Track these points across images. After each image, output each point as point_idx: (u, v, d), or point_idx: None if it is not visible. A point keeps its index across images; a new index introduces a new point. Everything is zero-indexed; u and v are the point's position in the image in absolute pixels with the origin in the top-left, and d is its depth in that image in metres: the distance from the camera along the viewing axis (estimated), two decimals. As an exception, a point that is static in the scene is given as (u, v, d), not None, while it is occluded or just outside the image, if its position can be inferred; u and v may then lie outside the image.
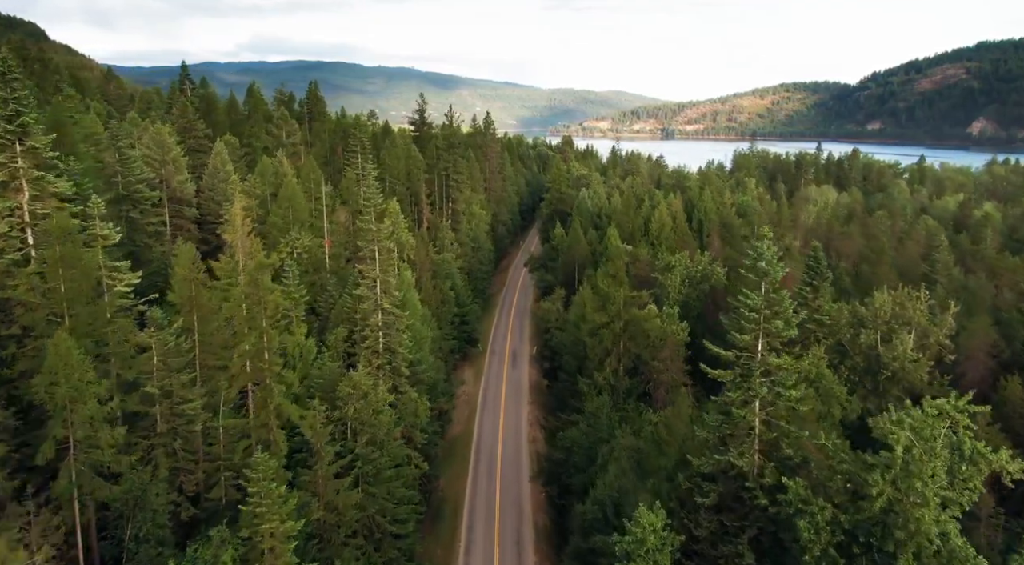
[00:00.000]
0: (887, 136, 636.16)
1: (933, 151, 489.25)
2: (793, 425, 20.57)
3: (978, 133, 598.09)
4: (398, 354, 42.76)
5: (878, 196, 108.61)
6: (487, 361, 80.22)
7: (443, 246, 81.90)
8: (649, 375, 43.89)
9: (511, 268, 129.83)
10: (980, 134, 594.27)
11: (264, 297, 25.71)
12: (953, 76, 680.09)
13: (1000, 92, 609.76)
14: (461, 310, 77.17)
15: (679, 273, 56.02)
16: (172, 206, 59.89)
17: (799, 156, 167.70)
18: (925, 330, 38.45)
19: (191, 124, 69.60)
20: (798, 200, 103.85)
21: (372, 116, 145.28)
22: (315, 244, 53.24)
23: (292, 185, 53.22)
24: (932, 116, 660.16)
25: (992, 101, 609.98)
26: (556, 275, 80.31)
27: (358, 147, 73.18)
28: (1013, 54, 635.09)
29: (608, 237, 69.34)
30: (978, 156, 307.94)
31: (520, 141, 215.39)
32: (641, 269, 62.00)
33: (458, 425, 64.68)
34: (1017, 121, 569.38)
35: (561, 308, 66.15)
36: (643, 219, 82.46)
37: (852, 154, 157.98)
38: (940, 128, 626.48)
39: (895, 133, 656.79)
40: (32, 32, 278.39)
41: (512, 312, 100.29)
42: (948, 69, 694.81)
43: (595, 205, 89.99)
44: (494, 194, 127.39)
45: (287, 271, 40.81)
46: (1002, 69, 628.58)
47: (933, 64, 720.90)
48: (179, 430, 27.20)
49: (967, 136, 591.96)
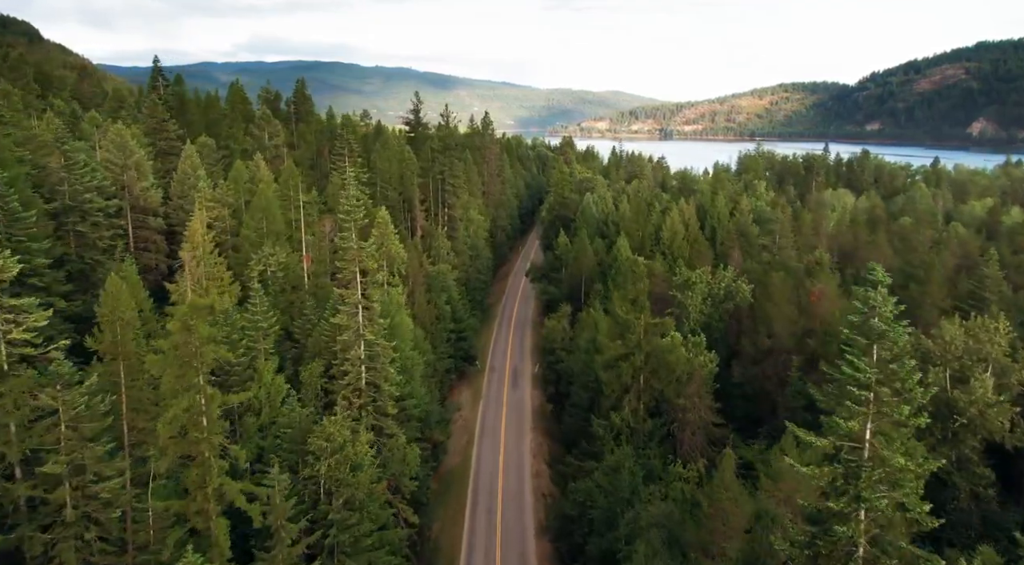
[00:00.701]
0: (886, 136, 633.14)
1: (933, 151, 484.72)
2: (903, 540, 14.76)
3: (978, 133, 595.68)
4: (383, 391, 36.83)
5: (897, 200, 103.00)
6: (486, 380, 74.26)
7: (439, 256, 75.99)
8: (673, 414, 38.03)
9: (511, 275, 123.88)
10: (980, 134, 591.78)
11: (201, 349, 19.93)
12: (952, 76, 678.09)
13: (1000, 92, 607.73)
14: (458, 326, 71.29)
15: (700, 291, 50.19)
16: (135, 216, 53.84)
17: (808, 157, 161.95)
18: (1004, 368, 32.84)
19: (161, 124, 63.51)
20: (814, 205, 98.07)
21: (365, 116, 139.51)
22: (293, 259, 47.25)
23: (267, 192, 47.24)
24: (931, 116, 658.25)
25: (992, 101, 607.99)
26: (560, 288, 74.41)
27: (345, 149, 67.26)
28: (1013, 54, 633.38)
29: (618, 248, 63.45)
30: (978, 157, 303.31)
31: (519, 142, 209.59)
32: (656, 285, 56.12)
33: (454, 456, 58.71)
34: (1017, 121, 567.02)
35: (567, 326, 60.20)
36: (654, 227, 76.63)
37: (862, 155, 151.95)
38: (940, 128, 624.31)
39: (895, 134, 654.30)
40: (26, 31, 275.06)
41: (512, 324, 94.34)
42: (947, 69, 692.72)
43: (601, 211, 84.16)
44: (493, 198, 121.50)
45: (253, 297, 34.86)
46: (1001, 69, 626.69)
47: (932, 64, 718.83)
48: (94, 516, 21.17)
49: (967, 136, 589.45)
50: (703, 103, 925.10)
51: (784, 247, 66.76)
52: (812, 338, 45.83)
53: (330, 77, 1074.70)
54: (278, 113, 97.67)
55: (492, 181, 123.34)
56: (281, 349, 40.00)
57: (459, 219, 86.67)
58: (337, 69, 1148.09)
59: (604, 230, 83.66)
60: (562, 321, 60.47)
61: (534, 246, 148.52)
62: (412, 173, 78.12)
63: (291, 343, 41.42)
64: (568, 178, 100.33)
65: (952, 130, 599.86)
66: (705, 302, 50.76)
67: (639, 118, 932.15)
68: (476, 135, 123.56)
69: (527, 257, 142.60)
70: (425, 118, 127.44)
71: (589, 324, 48.03)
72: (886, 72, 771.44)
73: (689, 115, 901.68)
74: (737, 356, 49.07)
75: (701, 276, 51.12)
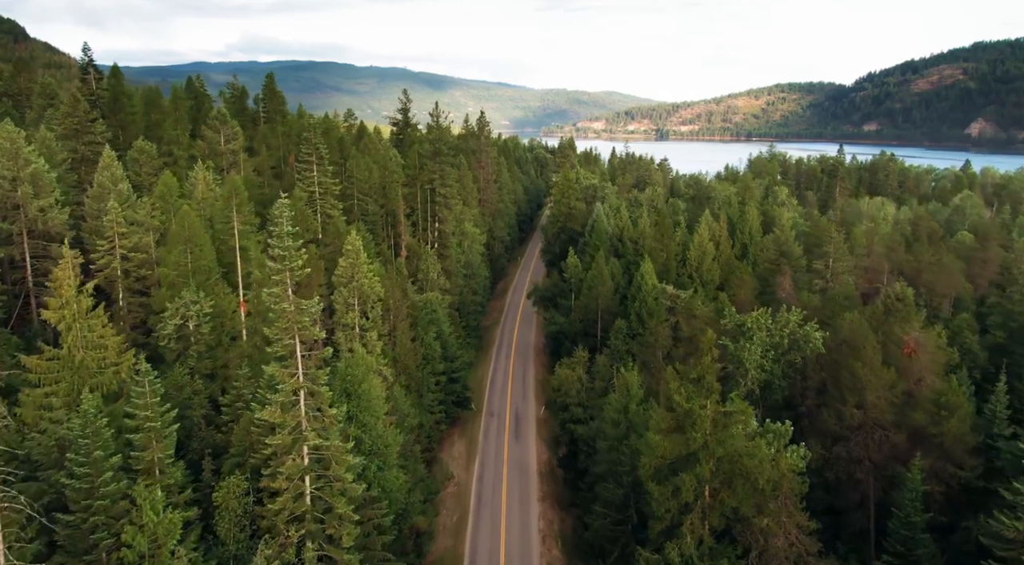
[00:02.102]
0: (884, 137, 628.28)
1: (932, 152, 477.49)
2: None
3: (978, 134, 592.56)
4: (337, 515, 25.31)
5: (942, 210, 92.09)
6: (483, 428, 62.70)
7: (427, 280, 64.41)
8: (750, 538, 26.66)
9: (510, 290, 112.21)
10: (980, 135, 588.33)
11: None
12: (950, 77, 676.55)
13: (998, 93, 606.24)
14: (449, 366, 59.82)
15: (760, 340, 38.77)
16: (33, 243, 42.00)
17: (825, 160, 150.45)
18: None
19: (85, 126, 51.58)
20: (848, 215, 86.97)
21: (350, 116, 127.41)
22: (229, 305, 35.58)
23: (189, 216, 35.48)
24: (929, 117, 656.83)
25: (990, 102, 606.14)
26: (570, 319, 62.66)
27: (312, 155, 55.57)
28: (1010, 55, 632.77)
29: (641, 275, 51.93)
30: (978, 157, 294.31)
31: (516, 143, 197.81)
32: (692, 325, 44.65)
33: (444, 539, 47.07)
34: (1017, 122, 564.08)
35: (584, 376, 48.60)
36: (678, 246, 65.22)
37: (886, 158, 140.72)
38: (938, 129, 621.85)
39: (893, 134, 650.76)
40: (10, 30, 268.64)
41: (512, 351, 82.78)
42: (944, 70, 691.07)
43: (615, 226, 72.70)
44: (489, 206, 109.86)
45: (140, 382, 23.20)
46: (999, 70, 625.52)
47: (929, 65, 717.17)
48: None
49: (966, 137, 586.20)
50: (699, 103, 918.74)
51: (839, 272, 55.62)
52: (916, 410, 34.63)
53: (324, 77, 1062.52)
54: (245, 112, 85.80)
55: (488, 187, 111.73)
56: (198, 445, 28.30)
57: (451, 234, 75.05)
58: (331, 69, 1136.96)
59: (619, 247, 72.17)
60: (577, 369, 48.78)
61: (534, 255, 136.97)
62: (396, 183, 66.42)
63: (217, 432, 29.72)
64: (574, 185, 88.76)
65: (951, 131, 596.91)
66: (766, 355, 39.47)
67: (635, 118, 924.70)
68: (471, 137, 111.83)
69: (527, 267, 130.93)
70: (415, 118, 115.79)
71: (620, 387, 36.60)
72: (883, 72, 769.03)
73: (685, 115, 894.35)
74: (810, 427, 37.85)
75: (759, 320, 39.81)
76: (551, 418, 64.53)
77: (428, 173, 71.16)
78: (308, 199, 55.11)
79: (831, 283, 55.27)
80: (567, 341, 61.00)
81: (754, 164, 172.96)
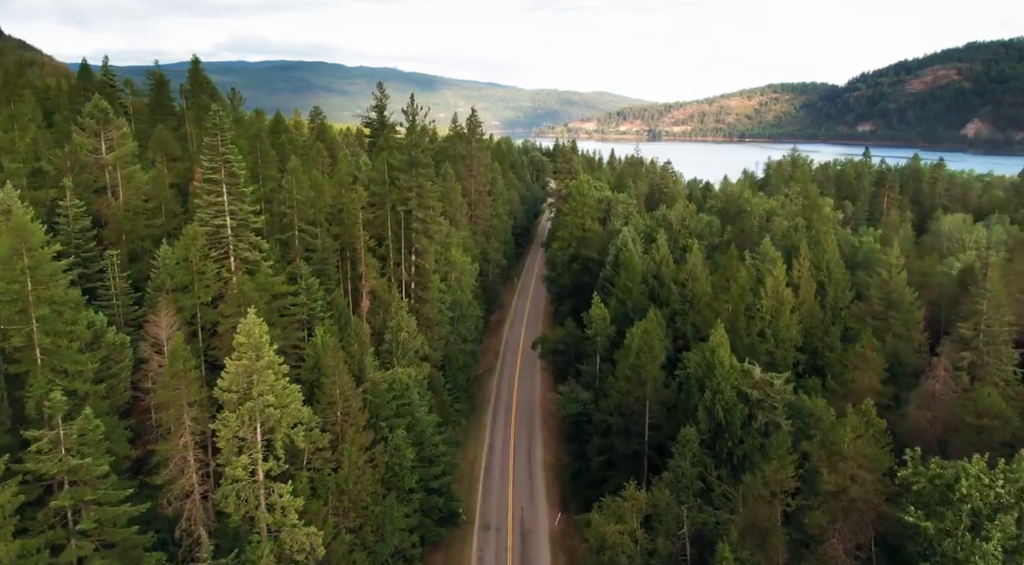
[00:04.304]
0: (879, 138, 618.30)
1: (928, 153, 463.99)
2: None
3: (974, 135, 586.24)
4: None
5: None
6: (474, 554, 44.03)
7: (396, 345, 45.80)
8: None
9: (506, 324, 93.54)
10: (976, 136, 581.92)
11: None
12: (944, 77, 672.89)
13: (994, 93, 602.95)
14: (427, 472, 41.26)
15: (975, 502, 20.55)
16: None
17: (882, 167, 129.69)
18: None
19: None
20: (933, 239, 69.55)
21: (317, 114, 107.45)
22: None
23: None
24: (925, 117, 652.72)
25: (986, 102, 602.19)
26: (603, 407, 43.54)
27: (219, 171, 36.68)
28: (1005, 55, 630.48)
29: (717, 359, 33.54)
30: (976, 159, 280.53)
31: (510, 145, 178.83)
32: (839, 471, 26.54)
33: None
34: (1013, 123, 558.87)
35: (639, 530, 29.92)
36: (747, 292, 46.92)
37: (935, 165, 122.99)
38: (934, 130, 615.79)
39: (887, 135, 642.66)
40: None
41: (513, 417, 64.32)
42: (939, 70, 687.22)
43: (651, 259, 54.11)
44: (482, 223, 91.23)
45: None
46: (994, 70, 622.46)
47: (923, 65, 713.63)
48: None
49: (962, 138, 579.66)
50: (691, 104, 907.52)
51: (996, 336, 37.52)
52: None
53: (314, 77, 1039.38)
54: (164, 107, 66.49)
55: (481, 200, 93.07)
56: None
57: (433, 271, 56.33)
58: (321, 69, 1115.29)
59: (656, 289, 53.71)
60: (628, 519, 29.82)
61: (533, 275, 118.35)
62: (355, 206, 47.56)
63: None
64: (590, 202, 70.18)
65: (947, 132, 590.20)
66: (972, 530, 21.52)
67: (627, 119, 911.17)
68: (460, 140, 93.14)
69: (525, 292, 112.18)
70: (391, 118, 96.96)
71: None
72: (876, 73, 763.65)
73: (677, 116, 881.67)
74: None
75: (974, 473, 21.64)
76: (570, 530, 46.19)
77: (401, 191, 52.33)
78: (211, 237, 36.27)
79: (987, 358, 37.20)
80: (598, 437, 42.17)
81: (772, 168, 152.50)
